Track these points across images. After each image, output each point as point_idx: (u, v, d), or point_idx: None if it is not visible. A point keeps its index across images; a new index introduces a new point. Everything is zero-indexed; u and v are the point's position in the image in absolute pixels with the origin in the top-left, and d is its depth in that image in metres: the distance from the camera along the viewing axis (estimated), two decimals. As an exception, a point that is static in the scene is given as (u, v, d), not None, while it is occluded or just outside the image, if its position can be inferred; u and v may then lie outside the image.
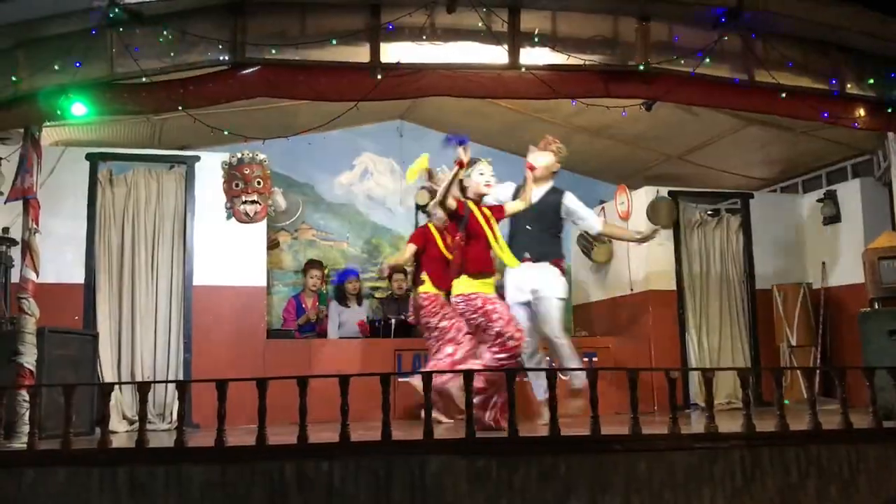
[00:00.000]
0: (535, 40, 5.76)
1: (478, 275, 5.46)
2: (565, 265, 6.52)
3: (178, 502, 4.15)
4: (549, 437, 4.38)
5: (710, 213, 8.45)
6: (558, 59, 5.80)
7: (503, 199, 6.17)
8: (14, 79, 5.27)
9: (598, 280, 8.93)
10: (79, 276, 6.52)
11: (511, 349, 5.35)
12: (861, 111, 6.33)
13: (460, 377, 4.74)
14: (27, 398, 4.85)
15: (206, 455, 4.32)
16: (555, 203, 6.42)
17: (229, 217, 6.95)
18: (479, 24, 5.63)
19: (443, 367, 5.94)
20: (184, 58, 5.38)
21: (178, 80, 5.44)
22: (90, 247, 6.57)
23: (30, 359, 5.20)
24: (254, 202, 6.97)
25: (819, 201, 8.25)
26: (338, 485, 4.19)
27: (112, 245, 6.67)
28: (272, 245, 8.32)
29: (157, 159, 6.99)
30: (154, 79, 5.39)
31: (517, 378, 4.60)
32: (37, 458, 4.32)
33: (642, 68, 5.83)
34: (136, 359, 6.55)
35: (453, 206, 5.56)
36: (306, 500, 4.16)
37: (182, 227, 6.80)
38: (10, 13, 5.14)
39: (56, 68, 5.25)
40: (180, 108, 5.55)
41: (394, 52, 5.63)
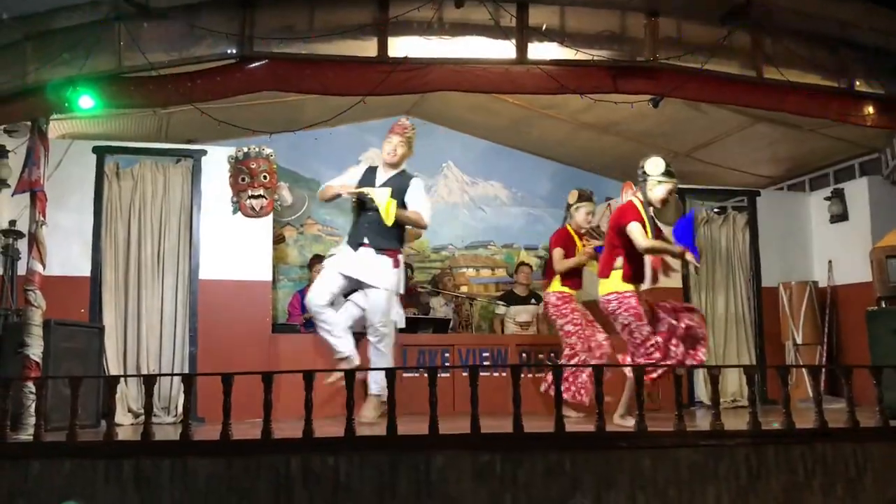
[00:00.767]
0: (543, 35, 5.75)
1: (634, 278, 5.47)
2: (402, 257, 6.24)
3: (184, 495, 4.16)
4: (555, 434, 4.38)
5: (716, 210, 8.44)
6: (566, 54, 5.79)
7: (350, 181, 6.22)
8: (22, 71, 5.29)
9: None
10: (85, 269, 6.53)
11: (652, 358, 5.32)
12: (870, 109, 6.31)
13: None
14: (33, 390, 4.84)
15: (211, 448, 4.33)
16: (402, 188, 6.06)
17: (235, 211, 6.95)
18: (487, 18, 5.62)
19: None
20: (191, 51, 5.37)
21: (186, 73, 5.44)
22: (96, 240, 6.58)
23: (36, 351, 5.22)
24: (260, 196, 6.96)
25: (826, 199, 8.25)
26: (343, 479, 4.19)
27: (118, 238, 6.68)
28: (278, 240, 8.34)
29: (164, 153, 6.98)
30: (161, 72, 5.37)
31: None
32: (43, 450, 4.33)
33: (650, 64, 5.82)
34: (141, 352, 6.56)
35: None
36: (311, 494, 4.16)
37: (188, 220, 6.80)
38: (19, 6, 5.16)
39: (64, 61, 5.26)
40: (187, 101, 5.56)
41: (402, 46, 5.62)
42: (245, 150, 6.99)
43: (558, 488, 4.26)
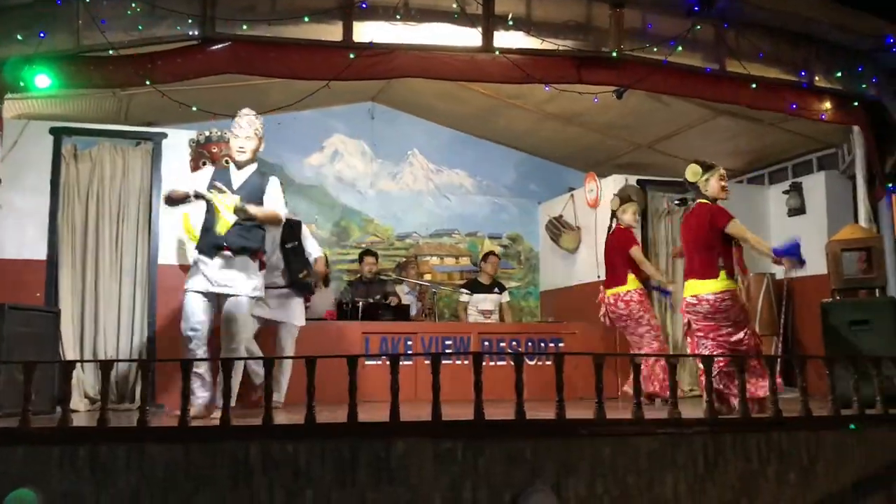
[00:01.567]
0: (510, 24, 5.78)
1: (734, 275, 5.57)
2: (266, 259, 5.79)
3: (140, 482, 4.09)
4: (515, 421, 4.38)
5: (677, 202, 8.51)
6: (532, 43, 5.83)
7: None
8: (-24, 49, 5.18)
9: (565, 267, 8.99)
10: (41, 253, 6.38)
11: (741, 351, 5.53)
12: (828, 104, 6.44)
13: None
14: (-14, 375, 4.78)
15: (169, 435, 4.27)
16: (259, 188, 5.38)
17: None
18: (454, 5, 5.63)
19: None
20: (152, 31, 5.32)
21: (147, 54, 5.38)
22: (53, 223, 6.44)
23: (-12, 335, 5.13)
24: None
25: (785, 193, 8.37)
26: (303, 466, 4.16)
27: (76, 221, 6.55)
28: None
29: (124, 135, 6.85)
30: (121, 52, 5.32)
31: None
32: None
33: (615, 55, 5.86)
34: (98, 337, 6.45)
35: None
36: (271, 481, 4.13)
37: (147, 204, 6.69)
38: (-28, -20, 5.04)
39: (20, 39, 5.17)
40: (148, 82, 5.48)
41: (367, 31, 5.62)
42: (206, 133, 6.89)
43: (519, 475, 4.28)
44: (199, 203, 5.19)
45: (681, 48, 5.92)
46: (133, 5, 5.22)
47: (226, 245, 5.19)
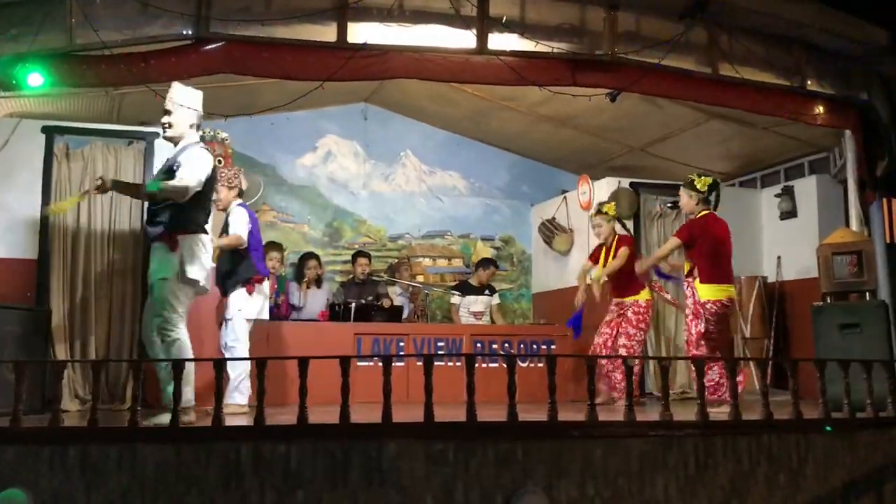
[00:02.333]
0: (504, 26, 5.78)
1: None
2: (183, 240, 4.95)
3: (131, 482, 4.09)
4: (507, 423, 4.39)
5: (669, 204, 8.52)
6: (526, 45, 5.84)
7: None
8: (-33, 47, 5.16)
9: (558, 269, 9.00)
10: (32, 252, 6.37)
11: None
12: (820, 108, 6.48)
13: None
14: (-24, 375, 4.76)
15: (160, 435, 4.27)
16: (174, 160, 5.03)
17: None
18: (448, 7, 5.64)
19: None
20: (146, 30, 5.31)
21: (140, 53, 5.37)
22: (44, 222, 6.43)
23: (-21, 334, 5.12)
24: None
25: (777, 196, 8.41)
26: (295, 467, 4.16)
27: (67, 220, 6.53)
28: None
29: (116, 134, 6.84)
30: (114, 51, 5.28)
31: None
32: None
33: (608, 58, 5.87)
34: (88, 337, 6.43)
35: None
36: (262, 481, 4.12)
37: (140, 204, 6.66)
38: (-36, -22, 5.02)
39: (12, 36, 5.15)
40: (141, 82, 5.46)
41: (361, 32, 5.61)
42: (200, 133, 6.87)
43: (510, 477, 4.28)
44: None
45: (674, 52, 5.94)
46: (126, 4, 5.20)
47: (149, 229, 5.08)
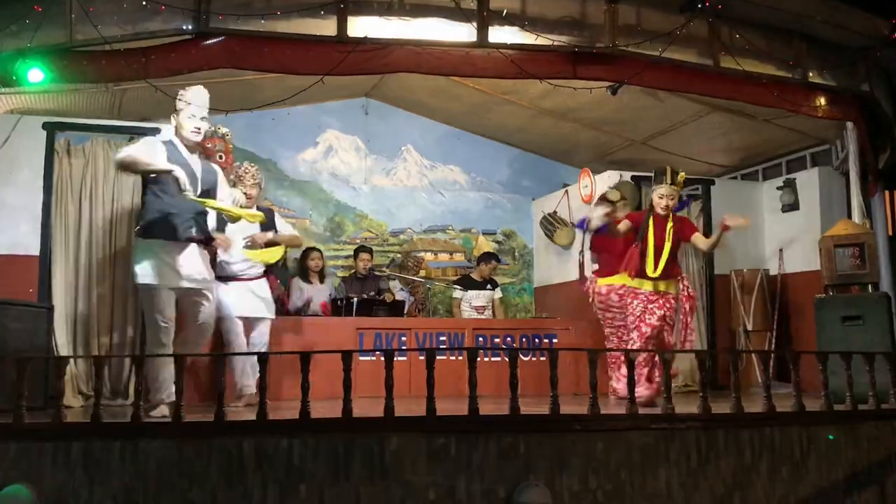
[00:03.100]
0: (504, 19, 5.78)
1: None
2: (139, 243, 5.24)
3: (134, 477, 4.12)
4: (509, 416, 4.41)
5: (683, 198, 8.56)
6: (527, 38, 5.84)
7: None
8: (-33, 43, 5.17)
9: (559, 263, 9.01)
10: (34, 248, 6.37)
11: None
12: (822, 100, 6.48)
13: None
14: (-22, 371, 4.77)
15: (163, 430, 4.29)
16: (215, 180, 5.47)
17: (190, 190, 6.84)
18: (448, 0, 5.63)
19: None
20: (146, 26, 5.32)
21: (140, 48, 5.39)
22: (46, 218, 6.42)
23: (-19, 331, 5.13)
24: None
25: (778, 189, 8.39)
26: (297, 462, 4.18)
27: (69, 216, 6.53)
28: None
29: (117, 130, 6.83)
30: (115, 46, 5.30)
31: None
32: None
33: (609, 50, 5.87)
34: (91, 333, 6.44)
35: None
36: (264, 476, 4.15)
37: (141, 199, 6.67)
38: (-37, -26, 5.03)
39: (12, 32, 5.16)
40: (141, 77, 5.48)
41: (361, 26, 5.62)
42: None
43: (512, 470, 4.30)
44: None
45: (675, 44, 5.95)
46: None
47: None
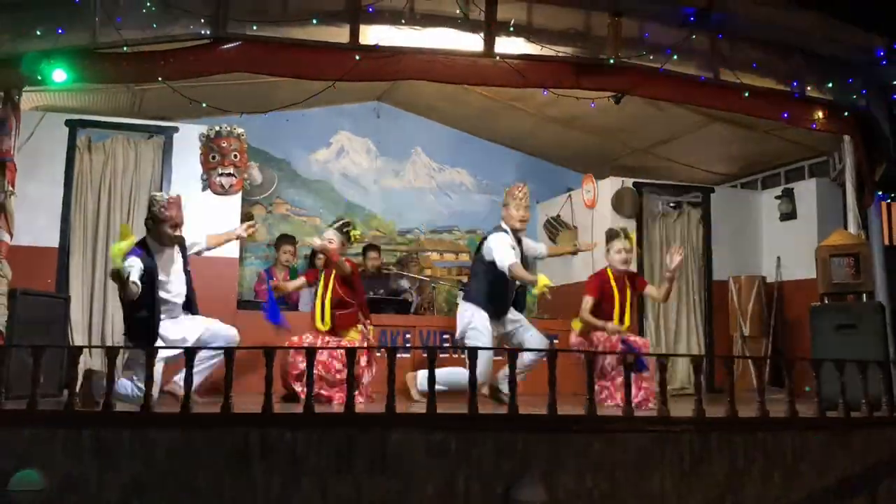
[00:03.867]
0: (511, 30, 5.86)
1: None
2: None
3: (142, 465, 4.20)
4: (508, 415, 4.49)
5: (672, 205, 8.63)
6: (532, 49, 5.91)
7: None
8: (-4, 42, 5.29)
9: (562, 265, 9.08)
10: (53, 240, 6.53)
11: None
12: (820, 114, 6.52)
13: None
14: (-4, 358, 4.88)
15: (171, 421, 4.36)
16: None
17: (205, 188, 6.99)
18: (457, 11, 5.73)
19: None
20: (166, 30, 5.39)
21: (160, 51, 5.46)
22: (66, 211, 6.59)
23: (0, 319, 5.25)
24: (230, 175, 7.01)
25: (777, 198, 8.46)
26: (301, 454, 4.26)
27: (88, 211, 6.70)
28: (246, 218, 8.31)
29: (136, 128, 6.99)
30: (136, 49, 5.40)
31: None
32: (2, 417, 4.33)
33: (612, 62, 5.96)
34: (106, 323, 6.59)
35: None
36: (269, 467, 4.23)
37: (158, 196, 6.83)
38: (-7, -23, 5.16)
39: (39, 34, 5.26)
40: (161, 79, 5.58)
41: (373, 34, 5.70)
42: (217, 128, 7.03)
43: (509, 467, 4.38)
44: None
45: (676, 57, 6.02)
46: (148, 4, 5.32)
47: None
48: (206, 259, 6.69)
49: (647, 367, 5.78)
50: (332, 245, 5.96)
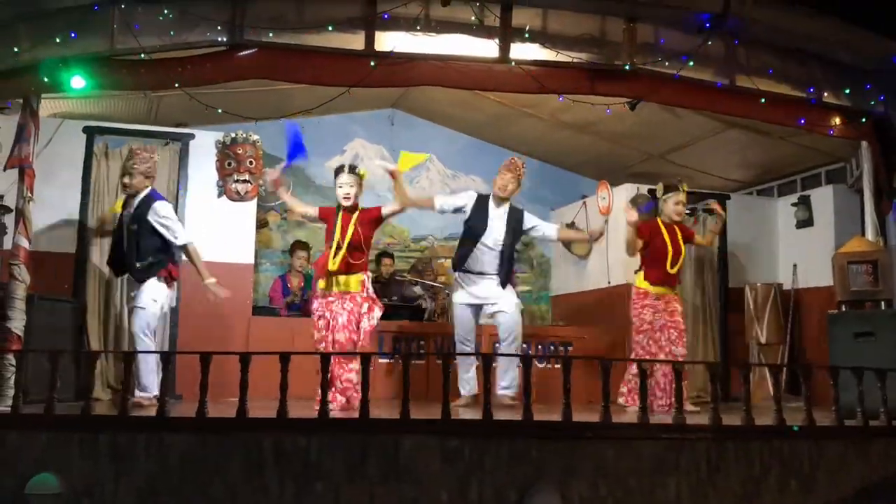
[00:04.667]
0: (526, 36, 5.88)
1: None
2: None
3: (158, 469, 4.24)
4: (522, 422, 4.49)
5: (688, 212, 8.57)
6: (547, 55, 5.93)
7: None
8: (15, 50, 5.35)
9: (577, 272, 9.07)
10: (70, 246, 6.55)
11: None
12: (836, 120, 6.50)
13: None
14: (13, 363, 4.91)
15: (186, 425, 4.39)
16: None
17: (220, 195, 7.02)
18: (472, 18, 5.75)
19: None
20: (183, 37, 5.45)
21: (177, 58, 5.52)
22: (83, 217, 6.62)
23: (18, 324, 5.29)
24: (245, 181, 7.03)
25: (793, 205, 8.41)
26: (314, 459, 4.28)
27: (104, 215, 6.74)
28: (261, 224, 8.41)
29: (153, 135, 7.02)
30: (153, 56, 5.46)
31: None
32: (20, 422, 4.38)
33: (628, 68, 5.96)
34: (122, 329, 6.63)
35: None
36: (282, 472, 4.25)
37: (174, 202, 6.84)
38: (14, -15, 5.23)
39: (57, 41, 5.33)
40: (177, 86, 5.63)
41: (388, 41, 5.73)
42: (232, 135, 7.06)
43: (523, 474, 4.38)
44: None
45: (692, 63, 6.01)
46: (165, 12, 5.38)
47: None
48: (221, 265, 6.75)
49: None
50: (354, 190, 6.02)
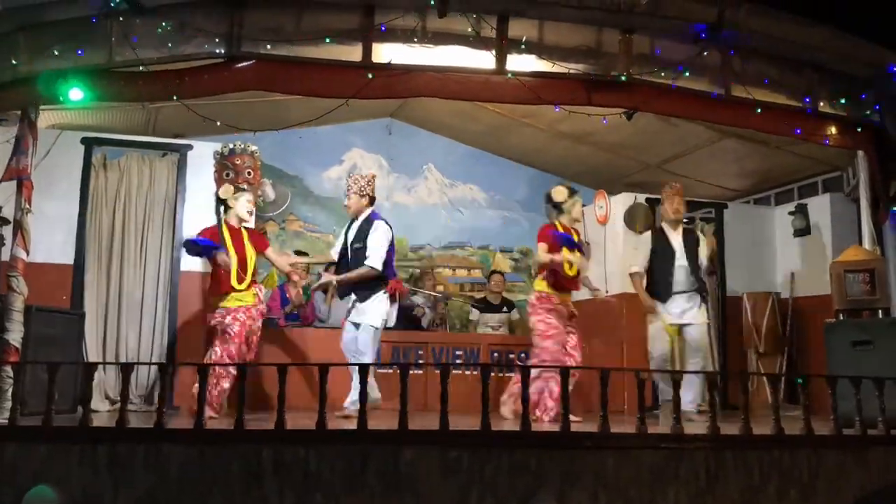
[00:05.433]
0: (522, 47, 5.90)
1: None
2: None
3: (156, 480, 4.22)
4: (521, 432, 4.49)
5: (685, 220, 8.60)
6: (543, 66, 5.95)
7: None
8: (14, 62, 5.36)
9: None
10: (68, 257, 6.57)
11: None
12: (833, 129, 6.51)
13: None
14: (11, 374, 4.87)
15: (185, 436, 4.39)
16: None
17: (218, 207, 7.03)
18: (469, 29, 5.77)
19: None
20: (181, 49, 5.47)
21: (175, 70, 5.53)
22: (81, 229, 6.63)
23: (16, 336, 5.27)
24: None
25: (790, 214, 8.42)
26: (313, 470, 4.27)
27: (103, 228, 6.75)
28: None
29: (151, 146, 7.05)
30: (151, 68, 5.47)
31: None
32: (18, 433, 4.36)
33: (624, 78, 5.98)
34: (120, 340, 6.63)
35: None
36: (281, 483, 4.23)
37: (172, 213, 6.88)
38: (13, -3, 5.25)
39: (56, 53, 5.35)
40: (175, 97, 5.64)
41: (386, 52, 5.75)
42: (230, 146, 7.05)
43: (523, 485, 4.37)
44: None
45: (688, 73, 6.04)
46: (164, 24, 5.40)
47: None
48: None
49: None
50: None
